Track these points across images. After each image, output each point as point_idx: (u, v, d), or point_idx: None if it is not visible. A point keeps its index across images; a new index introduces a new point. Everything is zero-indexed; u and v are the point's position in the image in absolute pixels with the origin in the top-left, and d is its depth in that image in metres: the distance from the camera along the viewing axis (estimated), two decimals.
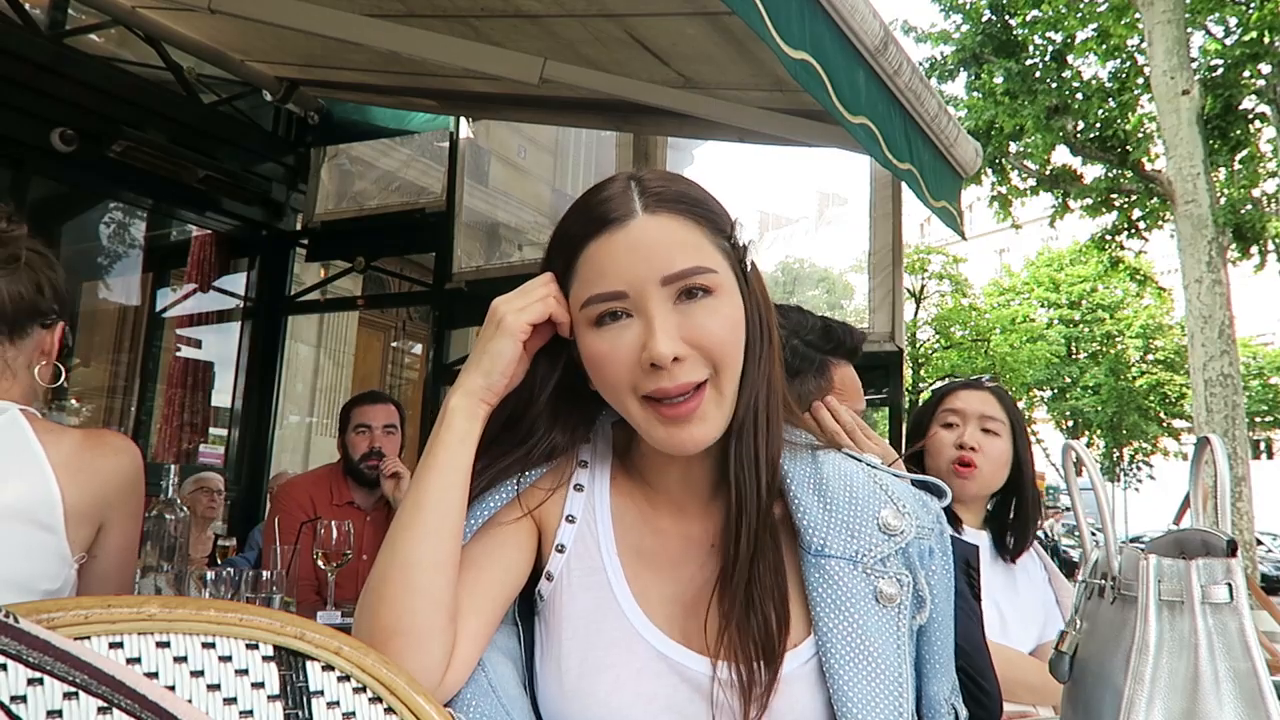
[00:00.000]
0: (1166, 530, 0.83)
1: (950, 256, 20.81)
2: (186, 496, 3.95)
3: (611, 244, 0.78)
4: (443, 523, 0.78)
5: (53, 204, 4.58)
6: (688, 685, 0.80)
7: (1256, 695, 0.72)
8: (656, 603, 0.83)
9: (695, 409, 0.77)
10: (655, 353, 0.75)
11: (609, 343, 0.78)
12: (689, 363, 0.77)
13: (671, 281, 0.77)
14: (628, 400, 0.79)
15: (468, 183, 4.88)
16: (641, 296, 0.77)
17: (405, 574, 0.76)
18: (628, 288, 0.77)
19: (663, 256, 0.77)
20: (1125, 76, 10.23)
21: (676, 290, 0.77)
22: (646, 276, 0.76)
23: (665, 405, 0.77)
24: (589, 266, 0.79)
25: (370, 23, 2.83)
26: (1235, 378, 7.96)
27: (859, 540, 0.82)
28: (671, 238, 0.78)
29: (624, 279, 0.77)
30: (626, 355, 0.77)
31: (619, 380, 0.78)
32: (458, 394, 0.82)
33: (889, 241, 3.81)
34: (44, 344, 1.30)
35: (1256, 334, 22.46)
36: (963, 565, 1.07)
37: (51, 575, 1.18)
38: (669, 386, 0.76)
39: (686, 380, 0.76)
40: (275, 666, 0.69)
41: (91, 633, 0.64)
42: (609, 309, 0.78)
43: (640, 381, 0.77)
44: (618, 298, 0.77)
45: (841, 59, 2.12)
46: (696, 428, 0.78)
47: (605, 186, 0.82)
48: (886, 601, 0.80)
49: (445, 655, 0.77)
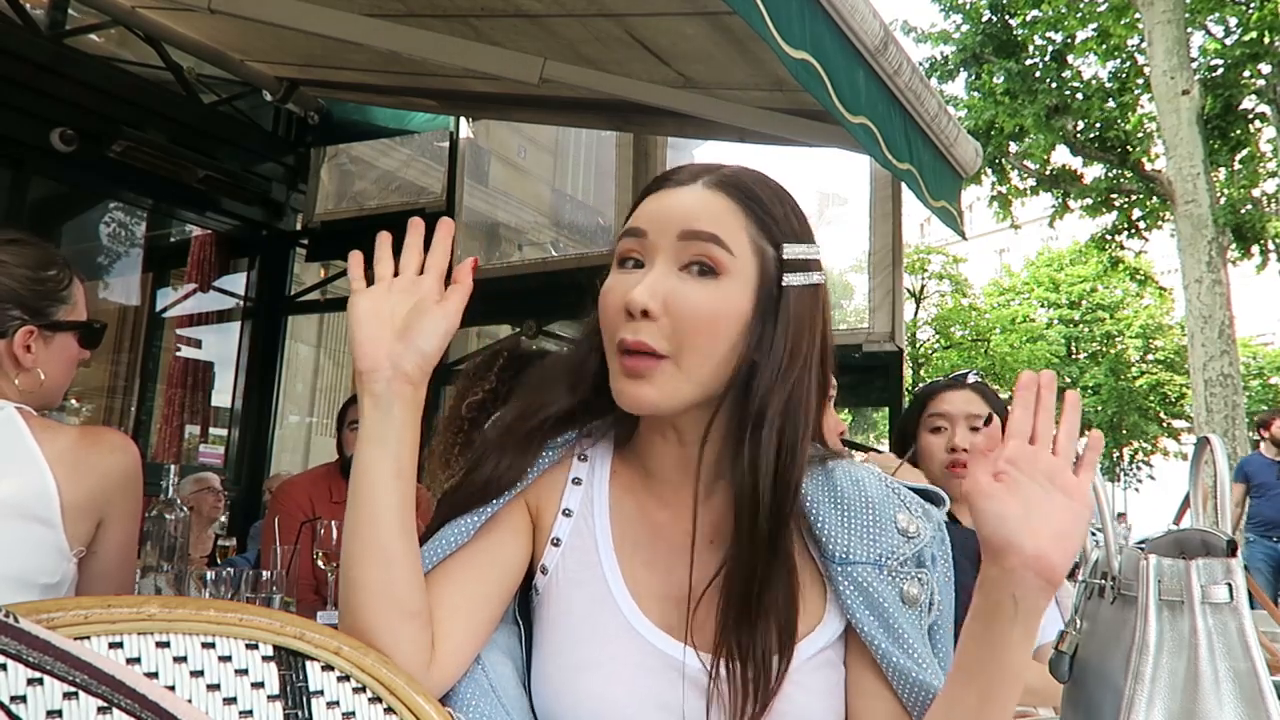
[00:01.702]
0: (1166, 530, 0.83)
1: (950, 256, 20.80)
2: (190, 496, 3.94)
3: (663, 194, 0.83)
4: (366, 518, 0.78)
5: (53, 204, 4.58)
6: (683, 681, 0.80)
7: (1256, 695, 0.72)
8: (652, 598, 0.83)
9: (648, 370, 0.78)
10: (630, 297, 0.77)
11: (616, 282, 0.81)
12: (656, 327, 0.77)
13: (686, 237, 0.79)
14: (609, 346, 0.81)
15: (468, 183, 4.88)
16: (656, 244, 0.80)
17: (346, 572, 0.78)
18: (649, 229, 0.80)
19: (693, 214, 0.80)
20: (1125, 76, 10.23)
21: (688, 255, 0.79)
22: (668, 225, 0.80)
23: (626, 358, 0.78)
24: (636, 212, 0.83)
25: (370, 23, 2.83)
26: (1235, 378, 7.95)
27: (881, 545, 0.82)
28: (708, 205, 0.80)
29: (652, 222, 0.81)
30: (621, 297, 0.79)
31: (608, 321, 0.81)
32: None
33: (889, 241, 3.81)
34: (6, 353, 1.26)
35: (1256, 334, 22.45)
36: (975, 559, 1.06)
37: (50, 570, 1.18)
38: (628, 339, 0.78)
39: (644, 340, 0.77)
40: (275, 666, 0.69)
41: (91, 633, 0.64)
42: (629, 247, 0.81)
43: (618, 329, 0.79)
44: (638, 234, 0.81)
45: (841, 59, 2.12)
46: (640, 387, 0.78)
47: (690, 165, 0.87)
48: (911, 603, 0.81)
49: (417, 651, 0.76)
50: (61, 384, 1.35)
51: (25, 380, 1.26)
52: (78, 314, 1.36)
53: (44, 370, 1.30)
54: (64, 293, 1.33)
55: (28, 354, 1.28)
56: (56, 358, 1.33)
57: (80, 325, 1.34)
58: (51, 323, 1.32)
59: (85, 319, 1.37)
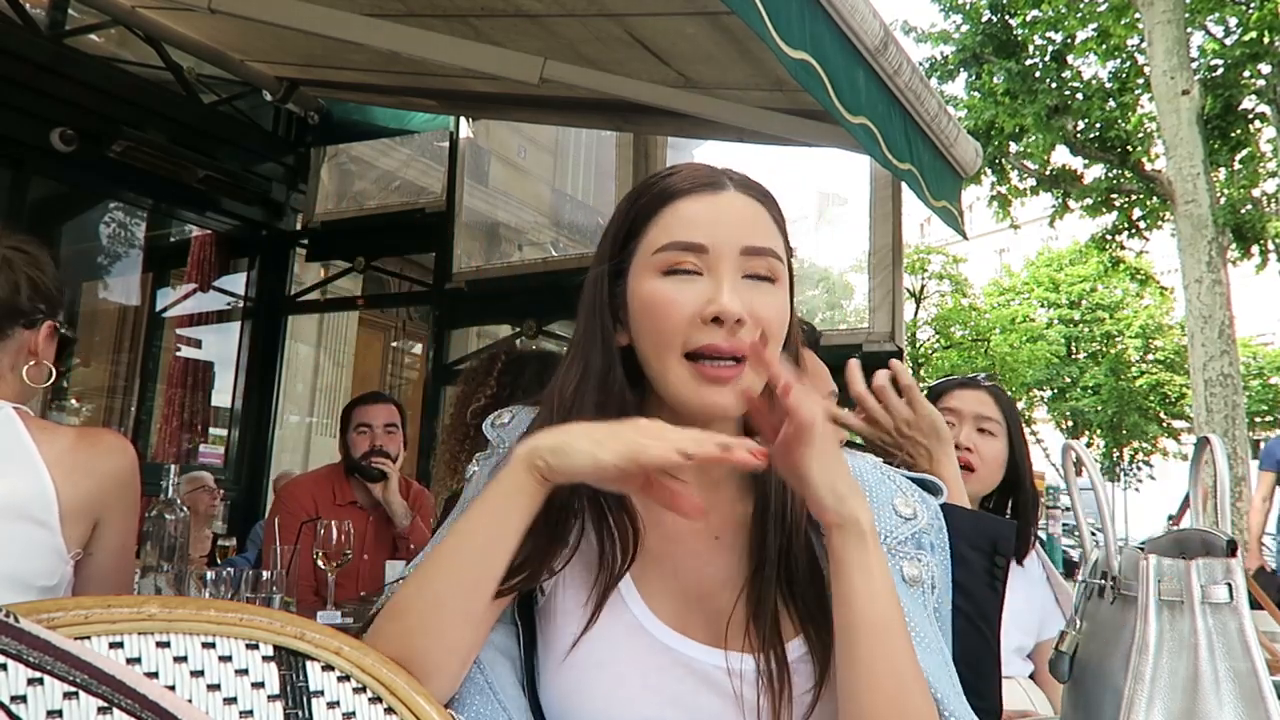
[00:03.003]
0: (1166, 530, 0.83)
1: (950, 256, 20.80)
2: (186, 496, 3.95)
3: (703, 202, 0.82)
4: (479, 573, 0.77)
5: (53, 204, 4.58)
6: (694, 678, 0.80)
7: (1256, 695, 0.72)
8: (660, 596, 0.83)
9: (734, 376, 0.79)
10: (725, 307, 0.78)
11: (673, 291, 0.80)
12: (745, 332, 0.79)
13: (750, 254, 0.80)
14: (670, 354, 0.80)
15: (468, 183, 4.88)
16: (718, 258, 0.80)
17: (423, 617, 0.77)
18: (710, 244, 0.80)
19: (748, 228, 0.82)
20: (1125, 76, 10.22)
21: (748, 266, 0.81)
22: (730, 240, 0.80)
23: (709, 365, 0.79)
24: (676, 217, 0.82)
25: (370, 23, 2.83)
26: (1235, 378, 7.95)
27: (879, 523, 0.83)
28: (756, 217, 0.83)
29: (709, 235, 0.80)
30: (689, 305, 0.79)
31: (672, 329, 0.80)
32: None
33: (889, 241, 3.81)
34: (29, 344, 1.29)
35: (1256, 334, 22.44)
36: (987, 548, 1.06)
37: (48, 572, 1.18)
38: (723, 345, 0.78)
39: (740, 346, 0.78)
40: (275, 666, 0.69)
41: (91, 633, 0.64)
42: (684, 261, 0.81)
43: (692, 336, 0.79)
44: (697, 250, 0.80)
45: (841, 59, 2.11)
46: (728, 395, 0.79)
47: (694, 164, 0.87)
48: (913, 583, 0.83)
49: (447, 692, 0.78)
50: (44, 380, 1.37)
51: (34, 373, 1.29)
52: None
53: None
54: (62, 288, 1.36)
55: (48, 348, 1.31)
56: (49, 358, 1.34)
57: (67, 330, 1.37)
58: (58, 323, 1.34)
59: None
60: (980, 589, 1.05)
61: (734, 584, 0.83)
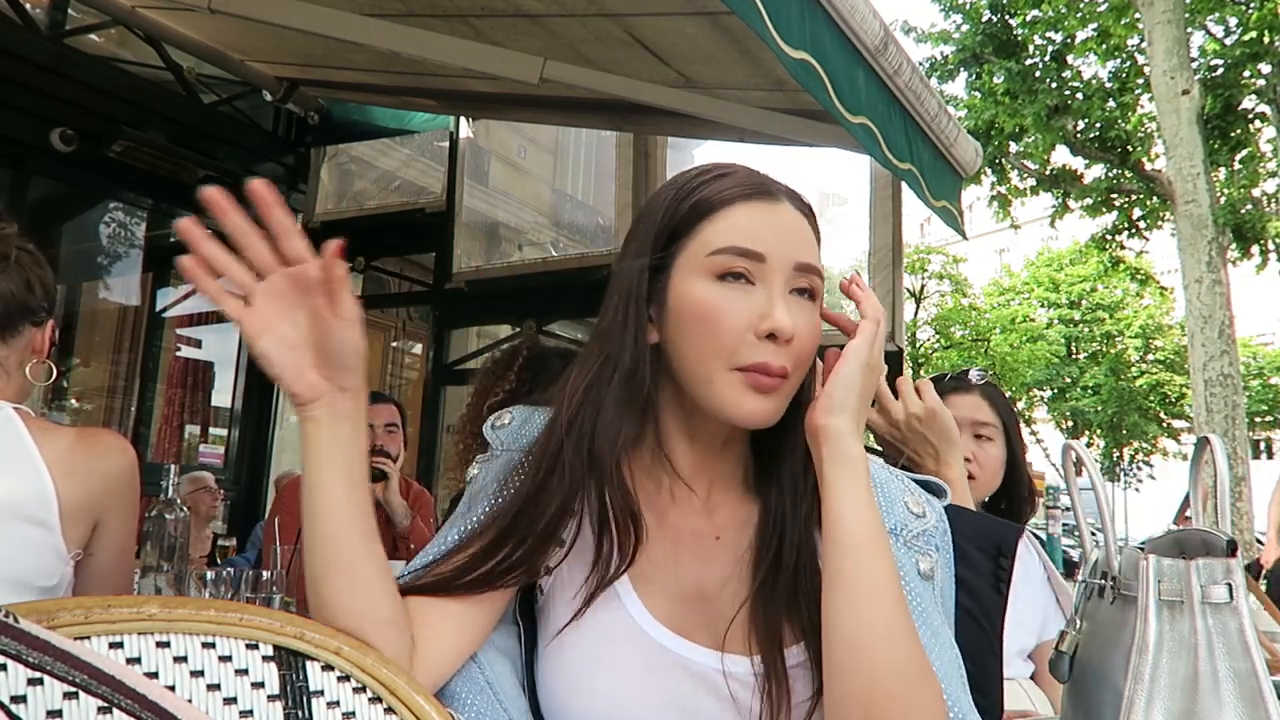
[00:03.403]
0: (1166, 530, 0.83)
1: (950, 256, 20.81)
2: (187, 497, 3.95)
3: (764, 210, 0.82)
4: (327, 538, 0.76)
5: (53, 204, 4.58)
6: (692, 680, 0.80)
7: (1256, 695, 0.72)
8: (659, 597, 0.83)
9: (777, 388, 0.79)
10: (780, 324, 0.77)
11: (727, 298, 0.79)
12: (790, 350, 0.79)
13: (802, 271, 0.81)
14: (716, 364, 0.79)
15: (468, 183, 4.88)
16: (773, 270, 0.80)
17: (312, 590, 0.77)
18: (769, 255, 0.80)
19: (803, 245, 0.82)
20: (1125, 76, 10.23)
21: (797, 283, 0.81)
22: (786, 253, 0.80)
23: (757, 375, 0.78)
24: (734, 220, 0.81)
25: (370, 23, 2.83)
26: (1235, 378, 7.95)
27: (893, 517, 0.84)
28: (807, 233, 0.84)
29: (768, 245, 0.80)
30: (743, 317, 0.78)
31: (724, 339, 0.78)
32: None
33: (889, 241, 3.81)
34: (35, 342, 1.30)
35: (1256, 334, 22.44)
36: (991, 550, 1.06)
37: (48, 572, 1.18)
38: (772, 364, 0.78)
39: (787, 365, 0.79)
40: (275, 666, 0.69)
41: (91, 633, 0.64)
42: (741, 267, 0.79)
43: (743, 350, 0.78)
44: (756, 258, 0.79)
45: (841, 59, 2.11)
46: (772, 403, 0.79)
47: (742, 166, 0.86)
48: (926, 578, 0.83)
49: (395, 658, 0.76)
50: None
51: (37, 371, 1.30)
52: None
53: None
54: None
55: (50, 346, 1.33)
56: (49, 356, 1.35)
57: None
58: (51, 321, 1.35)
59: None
60: (984, 589, 1.05)
61: (734, 585, 0.83)
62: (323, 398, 0.74)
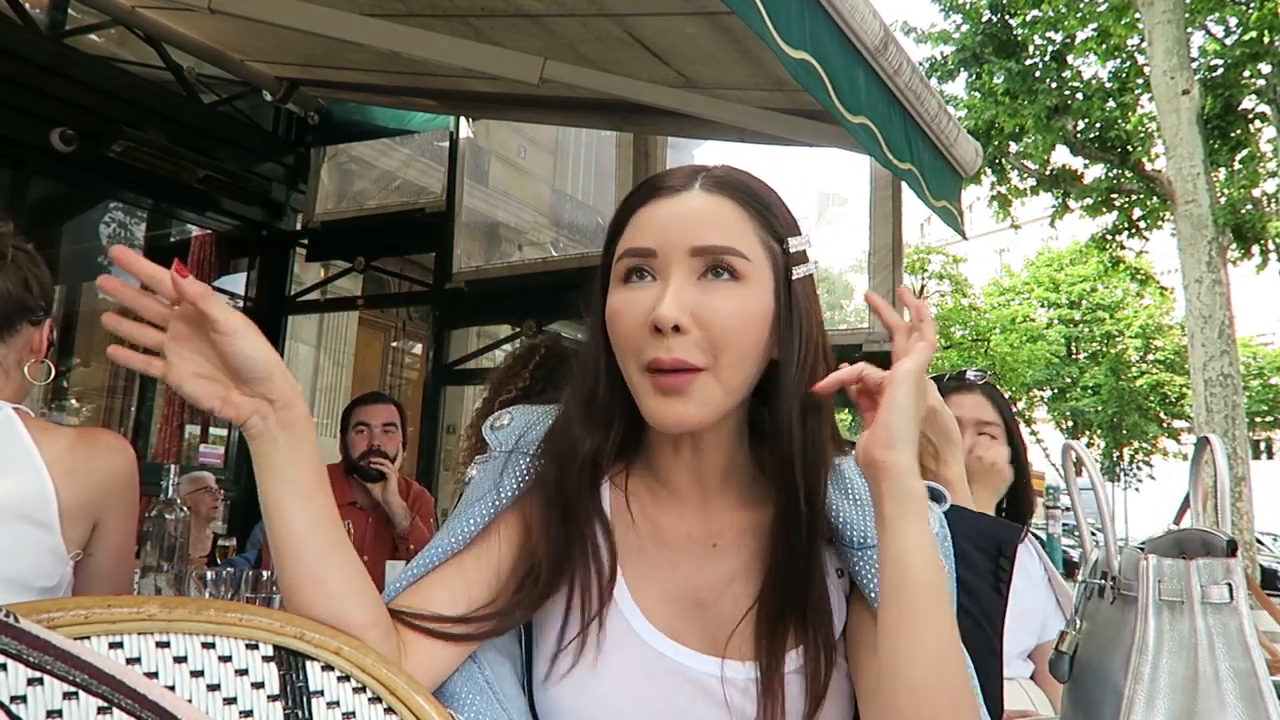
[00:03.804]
0: (1166, 530, 0.83)
1: (950, 256, 20.81)
2: (187, 497, 3.94)
3: (659, 207, 0.81)
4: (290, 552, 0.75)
5: (53, 204, 4.58)
6: (689, 685, 0.80)
7: (1256, 695, 0.72)
8: (655, 602, 0.83)
9: (684, 385, 0.76)
10: (658, 314, 0.75)
11: (627, 299, 0.79)
12: (689, 340, 0.76)
13: (700, 254, 0.78)
14: (631, 365, 0.79)
15: (468, 183, 4.88)
16: (668, 260, 0.78)
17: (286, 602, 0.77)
18: (658, 247, 0.78)
19: (699, 228, 0.78)
20: (1125, 76, 10.22)
21: (702, 265, 0.78)
22: (678, 241, 0.78)
23: (660, 375, 0.77)
24: (634, 226, 0.81)
25: (370, 23, 2.83)
26: (1235, 378, 7.95)
27: None
28: (714, 214, 0.79)
29: (657, 238, 0.79)
30: (638, 315, 0.78)
31: (627, 339, 0.79)
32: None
33: (889, 241, 3.81)
34: (33, 341, 1.30)
35: (1256, 334, 22.44)
36: (992, 550, 1.05)
37: (47, 572, 1.17)
38: (664, 358, 0.76)
39: (681, 357, 0.76)
40: (275, 666, 0.69)
41: (91, 633, 0.64)
42: (637, 264, 0.79)
43: (644, 347, 0.77)
44: (646, 254, 0.79)
45: (841, 59, 2.11)
46: (681, 405, 0.77)
47: (680, 168, 0.85)
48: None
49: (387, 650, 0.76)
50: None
51: (35, 370, 1.30)
52: None
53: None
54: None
55: (48, 345, 1.33)
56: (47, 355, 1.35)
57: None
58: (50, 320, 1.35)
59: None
60: (985, 590, 1.05)
61: (731, 591, 0.83)
62: (252, 415, 0.73)
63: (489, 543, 0.84)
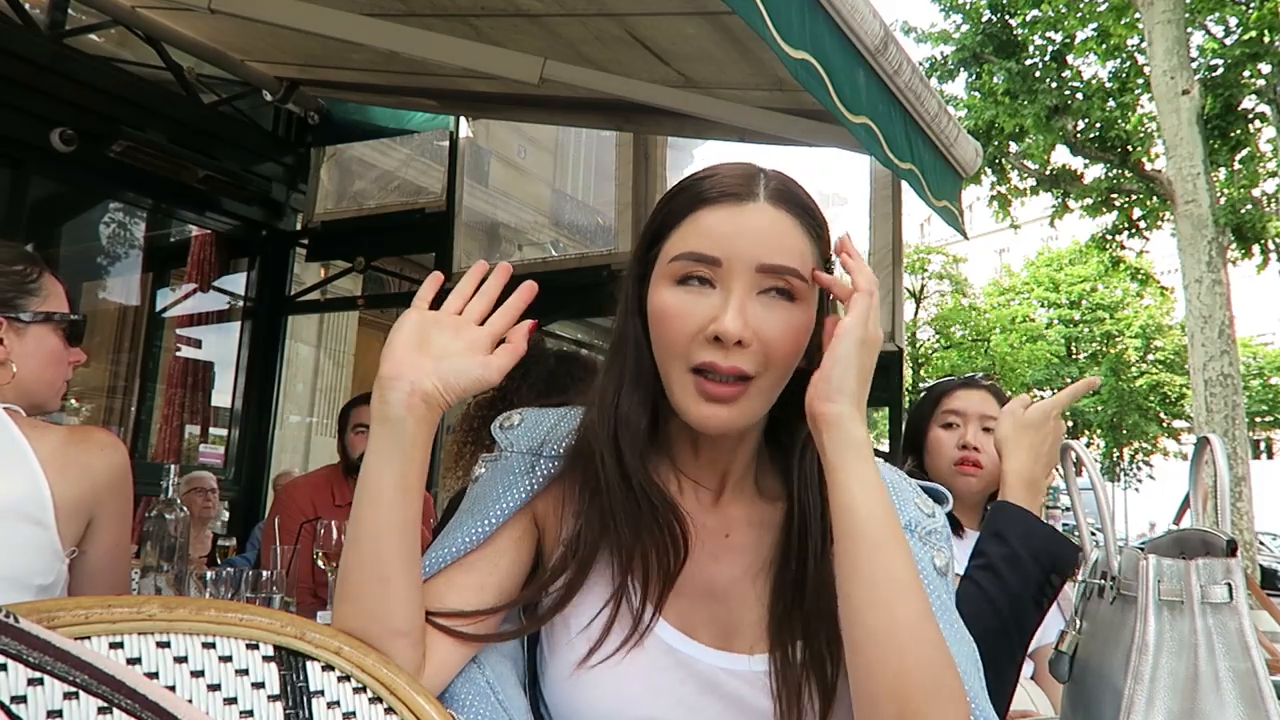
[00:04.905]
0: (1166, 530, 0.83)
1: (950, 256, 20.81)
2: (184, 498, 3.94)
3: (726, 214, 0.79)
4: (368, 532, 0.76)
5: (53, 204, 4.57)
6: (697, 679, 0.80)
7: (1256, 695, 0.72)
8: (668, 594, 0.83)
9: (736, 395, 0.78)
10: (724, 327, 0.76)
11: (683, 302, 0.79)
12: (748, 352, 0.77)
13: (766, 272, 0.78)
14: (674, 365, 0.80)
15: (467, 182, 4.88)
16: (732, 272, 0.78)
17: (342, 580, 0.78)
18: (725, 258, 0.78)
19: (768, 245, 0.79)
20: (1125, 76, 10.22)
21: (766, 283, 0.79)
22: (746, 256, 0.78)
23: (709, 381, 0.78)
24: (695, 227, 0.80)
25: (370, 23, 2.83)
26: (1235, 378, 7.95)
27: (906, 514, 0.84)
28: (782, 232, 0.80)
29: (725, 249, 0.78)
30: (695, 320, 0.78)
31: (677, 341, 0.79)
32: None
33: (889, 241, 3.81)
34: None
35: (1256, 334, 22.45)
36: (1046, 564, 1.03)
37: (44, 570, 1.17)
38: (721, 364, 0.77)
39: (738, 365, 0.77)
40: (275, 666, 0.69)
41: (92, 633, 0.64)
42: (697, 271, 0.79)
43: (695, 351, 0.78)
44: (711, 263, 0.78)
45: (842, 59, 2.11)
46: (728, 411, 0.78)
47: (733, 167, 0.84)
48: (942, 573, 0.83)
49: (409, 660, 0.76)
50: (47, 380, 1.34)
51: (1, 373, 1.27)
52: (51, 308, 1.35)
53: (17, 364, 1.29)
54: (33, 285, 1.32)
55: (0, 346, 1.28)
56: (33, 351, 1.31)
57: (53, 316, 1.33)
58: (20, 314, 1.30)
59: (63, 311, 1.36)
60: (1026, 599, 1.03)
61: (743, 584, 0.83)
62: (400, 380, 0.76)
63: (503, 544, 0.84)
